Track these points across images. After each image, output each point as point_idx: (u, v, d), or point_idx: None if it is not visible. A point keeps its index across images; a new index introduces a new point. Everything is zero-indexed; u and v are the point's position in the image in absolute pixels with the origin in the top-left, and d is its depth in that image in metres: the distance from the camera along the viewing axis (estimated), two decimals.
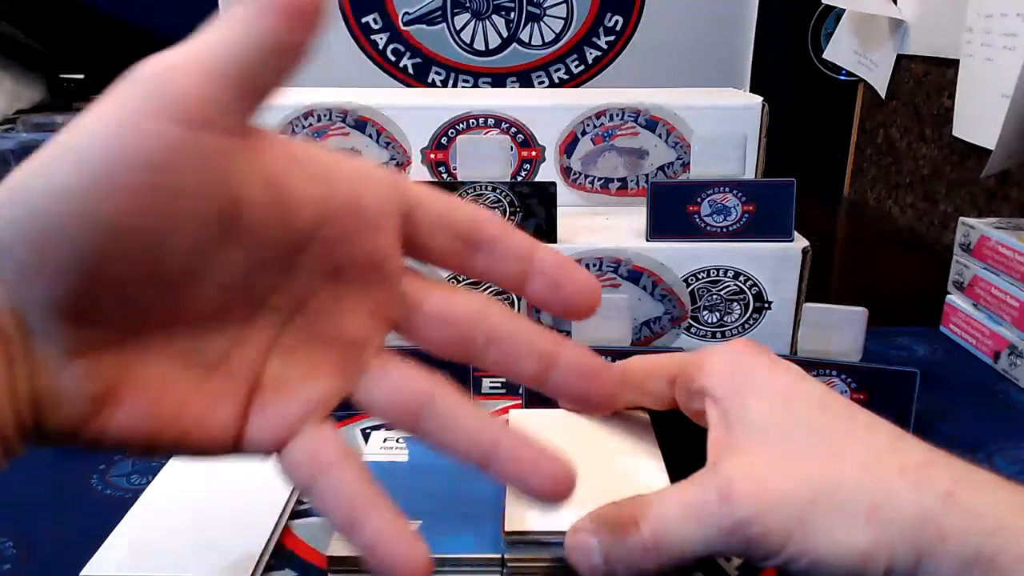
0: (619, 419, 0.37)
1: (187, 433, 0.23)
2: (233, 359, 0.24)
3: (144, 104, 0.20)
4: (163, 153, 0.19)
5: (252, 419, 0.24)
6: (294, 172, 0.23)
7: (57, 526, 0.36)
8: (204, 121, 0.20)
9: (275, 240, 0.23)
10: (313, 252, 0.24)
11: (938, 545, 0.24)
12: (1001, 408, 0.48)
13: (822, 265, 0.56)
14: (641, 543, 0.27)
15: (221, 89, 0.20)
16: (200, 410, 0.23)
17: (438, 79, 1.05)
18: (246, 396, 0.24)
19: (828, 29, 1.02)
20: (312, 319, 0.25)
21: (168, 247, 0.20)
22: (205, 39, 0.21)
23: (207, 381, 0.23)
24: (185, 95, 0.20)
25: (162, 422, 0.22)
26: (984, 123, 0.74)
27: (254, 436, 0.24)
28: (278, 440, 0.24)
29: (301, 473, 0.24)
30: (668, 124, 0.59)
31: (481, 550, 0.32)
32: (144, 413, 0.22)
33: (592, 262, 0.51)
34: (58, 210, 0.19)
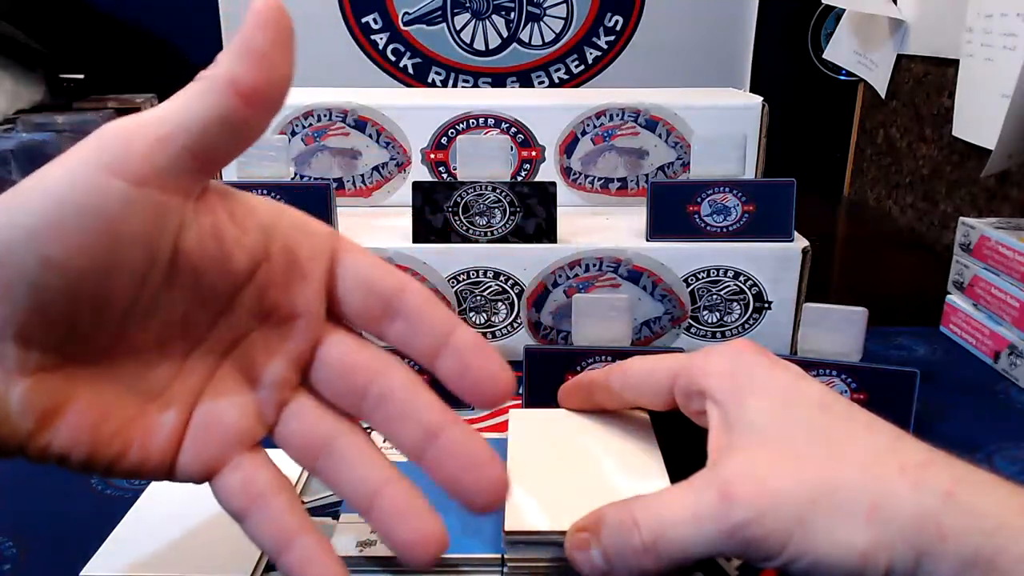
0: (619, 419, 0.37)
1: (124, 454, 0.24)
2: (172, 389, 0.26)
3: (98, 159, 0.22)
4: (109, 204, 0.22)
5: (184, 446, 0.26)
6: (237, 223, 0.25)
7: (57, 526, 0.36)
8: (149, 180, 0.22)
9: (213, 284, 0.25)
10: (248, 296, 0.25)
11: (938, 545, 0.24)
12: (1001, 408, 0.48)
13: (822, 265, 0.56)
14: (640, 544, 0.27)
15: (168, 154, 0.22)
16: (139, 434, 0.25)
17: (438, 79, 1.05)
18: (182, 425, 0.26)
19: (828, 29, 1.02)
20: (242, 358, 0.26)
21: (111, 287, 0.23)
22: (164, 108, 0.23)
23: (147, 408, 0.25)
24: (134, 156, 0.22)
25: (102, 441, 0.24)
26: (984, 123, 0.74)
27: (186, 462, 0.26)
28: (208, 468, 0.26)
29: (233, 503, 0.26)
30: (668, 124, 0.59)
31: (481, 550, 0.32)
32: (86, 431, 0.24)
33: (592, 262, 0.51)
34: (12, 245, 0.21)
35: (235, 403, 0.26)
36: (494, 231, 0.51)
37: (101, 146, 0.22)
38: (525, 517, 0.31)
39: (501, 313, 0.52)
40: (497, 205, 0.51)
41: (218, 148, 0.23)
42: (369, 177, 0.59)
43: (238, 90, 0.22)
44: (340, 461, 0.27)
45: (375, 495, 0.26)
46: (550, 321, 0.52)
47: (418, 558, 0.25)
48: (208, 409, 0.26)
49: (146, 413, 0.25)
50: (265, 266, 0.25)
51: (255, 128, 0.23)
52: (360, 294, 0.27)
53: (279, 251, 0.25)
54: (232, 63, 0.22)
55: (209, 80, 0.23)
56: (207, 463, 0.26)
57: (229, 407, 0.26)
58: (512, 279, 0.51)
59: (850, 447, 0.27)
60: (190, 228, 0.24)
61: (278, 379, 0.26)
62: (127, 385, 0.25)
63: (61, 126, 0.80)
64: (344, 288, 0.27)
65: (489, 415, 0.46)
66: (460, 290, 0.51)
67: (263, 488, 0.26)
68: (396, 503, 0.26)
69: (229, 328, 0.26)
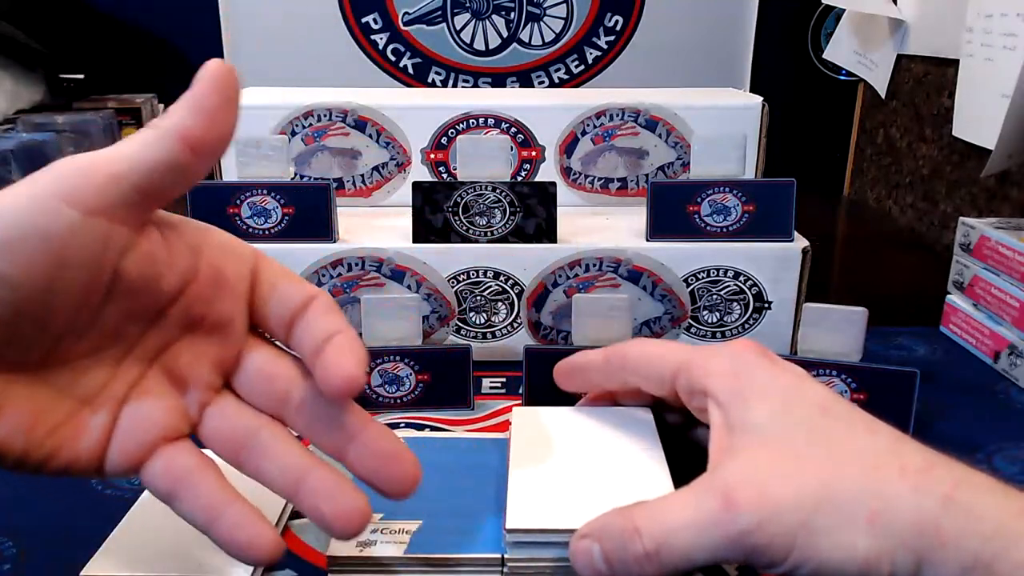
0: (621, 416, 0.37)
1: (56, 453, 0.26)
2: (102, 395, 0.27)
3: (55, 189, 0.24)
4: (60, 229, 0.24)
5: (111, 446, 0.27)
6: (169, 246, 0.27)
7: (57, 526, 0.36)
8: (99, 211, 0.24)
9: (146, 302, 0.27)
10: (176, 309, 0.28)
11: (938, 550, 0.24)
12: (1001, 408, 0.48)
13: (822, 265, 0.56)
14: (643, 551, 0.27)
15: (119, 190, 0.25)
16: (70, 435, 0.26)
17: (438, 79, 1.05)
18: (109, 427, 0.27)
19: (828, 29, 1.02)
20: (168, 363, 0.28)
21: (54, 303, 0.25)
22: (118, 148, 0.25)
23: (79, 410, 0.27)
24: (88, 188, 0.24)
25: (35, 442, 0.26)
26: (984, 123, 0.74)
27: (113, 459, 0.27)
28: (133, 462, 0.27)
29: (159, 485, 0.27)
30: (668, 124, 0.59)
31: (481, 550, 0.32)
32: (20, 432, 0.25)
33: (592, 262, 0.51)
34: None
35: (160, 403, 0.28)
36: (494, 231, 0.51)
37: (58, 177, 0.24)
38: (527, 515, 0.31)
39: (501, 313, 0.52)
40: (497, 205, 0.51)
41: (164, 187, 0.26)
42: (369, 177, 0.59)
43: (187, 142, 0.25)
44: (263, 452, 0.28)
45: (299, 481, 0.28)
46: (550, 321, 0.52)
47: (346, 530, 0.27)
48: (134, 409, 0.28)
49: (78, 416, 0.27)
50: (193, 283, 0.28)
51: (198, 173, 0.26)
52: (273, 306, 0.29)
53: (206, 269, 0.28)
54: (183, 117, 0.25)
55: (162, 129, 0.25)
56: (132, 458, 0.27)
57: (154, 406, 0.28)
58: (512, 279, 0.51)
59: (851, 451, 0.27)
60: (129, 253, 0.26)
61: (201, 381, 0.29)
62: (61, 391, 0.26)
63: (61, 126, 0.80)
64: (262, 305, 0.29)
65: (489, 415, 0.46)
66: (460, 290, 0.51)
67: (188, 469, 0.28)
68: (321, 484, 0.28)
69: (158, 337, 0.28)
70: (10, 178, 0.63)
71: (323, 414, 0.29)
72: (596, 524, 0.29)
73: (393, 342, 0.45)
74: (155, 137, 0.25)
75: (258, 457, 0.28)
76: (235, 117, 0.26)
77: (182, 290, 0.28)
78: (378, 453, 0.28)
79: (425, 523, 0.33)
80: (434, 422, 0.45)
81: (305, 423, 0.29)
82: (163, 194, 0.26)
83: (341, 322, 0.28)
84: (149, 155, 0.25)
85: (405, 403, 0.46)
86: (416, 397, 0.46)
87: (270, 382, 0.29)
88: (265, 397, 0.29)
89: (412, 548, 0.32)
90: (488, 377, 0.51)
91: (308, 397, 0.29)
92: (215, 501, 0.27)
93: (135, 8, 1.00)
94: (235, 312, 0.29)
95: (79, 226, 0.24)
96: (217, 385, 0.29)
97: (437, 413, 0.46)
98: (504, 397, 0.49)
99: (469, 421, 0.46)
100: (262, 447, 0.28)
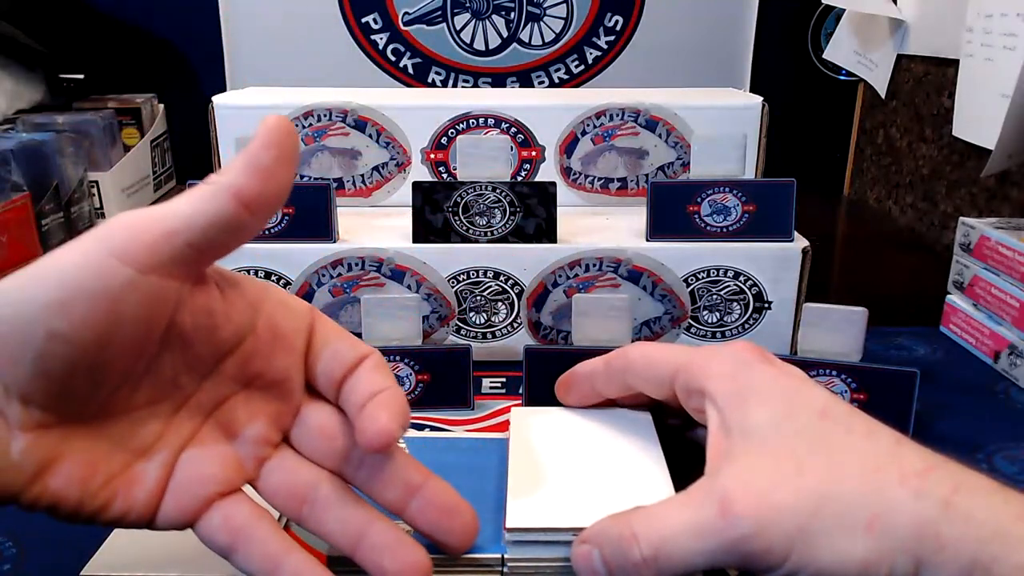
0: (620, 416, 0.37)
1: (109, 505, 0.26)
2: (157, 446, 0.28)
3: (109, 247, 0.24)
4: (114, 287, 0.24)
5: (166, 498, 0.28)
6: (227, 299, 0.28)
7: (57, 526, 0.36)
8: (153, 268, 0.25)
9: (201, 354, 0.28)
10: (233, 363, 0.28)
11: (937, 555, 0.24)
12: (1001, 408, 0.48)
13: (822, 265, 0.56)
14: (640, 558, 0.27)
15: (172, 247, 0.25)
16: (124, 487, 0.27)
17: (438, 79, 1.05)
18: (164, 479, 0.28)
19: (828, 29, 1.02)
20: (224, 417, 0.29)
21: (109, 358, 0.25)
22: (172, 205, 0.25)
23: (133, 463, 0.27)
24: (139, 245, 0.24)
25: (90, 493, 0.26)
26: (984, 123, 0.74)
27: (167, 512, 0.28)
28: (187, 515, 0.28)
29: (218, 540, 0.28)
30: (668, 124, 0.59)
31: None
32: (76, 483, 0.26)
33: (592, 262, 0.51)
34: (24, 317, 0.24)
35: (215, 456, 0.28)
36: (494, 231, 0.51)
37: (112, 235, 0.24)
38: (526, 514, 0.31)
39: (501, 313, 0.52)
40: (497, 205, 0.51)
41: (217, 244, 0.26)
42: (369, 177, 0.59)
43: (241, 200, 0.25)
44: (324, 506, 0.29)
45: (361, 534, 0.29)
46: (550, 321, 0.52)
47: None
48: (189, 461, 0.28)
49: (133, 468, 0.27)
50: (251, 338, 0.28)
51: (253, 229, 0.26)
52: (325, 364, 0.30)
53: (264, 325, 0.29)
54: (239, 175, 0.25)
55: (216, 186, 0.25)
56: (187, 511, 0.28)
57: (209, 460, 0.28)
58: (512, 279, 0.51)
59: (850, 455, 0.27)
60: (184, 306, 0.26)
61: (258, 436, 0.29)
62: (117, 442, 0.27)
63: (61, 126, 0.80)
64: (315, 359, 0.30)
65: (489, 415, 0.46)
66: (460, 290, 0.51)
67: (244, 521, 0.28)
68: (382, 539, 0.29)
69: (214, 390, 0.29)
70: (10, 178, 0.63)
71: (384, 469, 0.29)
72: (594, 530, 0.29)
73: (393, 342, 0.45)
74: (210, 194, 0.25)
75: (319, 511, 0.29)
76: (292, 174, 0.26)
77: (239, 344, 0.28)
78: (439, 507, 0.30)
79: None
80: (434, 422, 0.46)
81: (365, 478, 0.30)
82: (217, 251, 0.26)
83: (387, 380, 0.29)
84: (203, 213, 0.25)
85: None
86: (416, 397, 0.46)
87: (329, 439, 0.30)
88: (324, 453, 0.30)
89: None
90: (488, 377, 0.51)
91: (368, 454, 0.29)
92: (273, 552, 0.28)
93: (135, 8, 1.00)
94: (292, 368, 0.29)
95: (133, 283, 0.24)
96: (275, 440, 0.30)
97: (437, 413, 0.46)
98: (504, 397, 0.49)
99: (469, 421, 0.46)
100: (323, 501, 0.29)
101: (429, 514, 0.30)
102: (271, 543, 0.28)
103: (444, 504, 0.30)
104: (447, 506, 0.30)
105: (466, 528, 0.30)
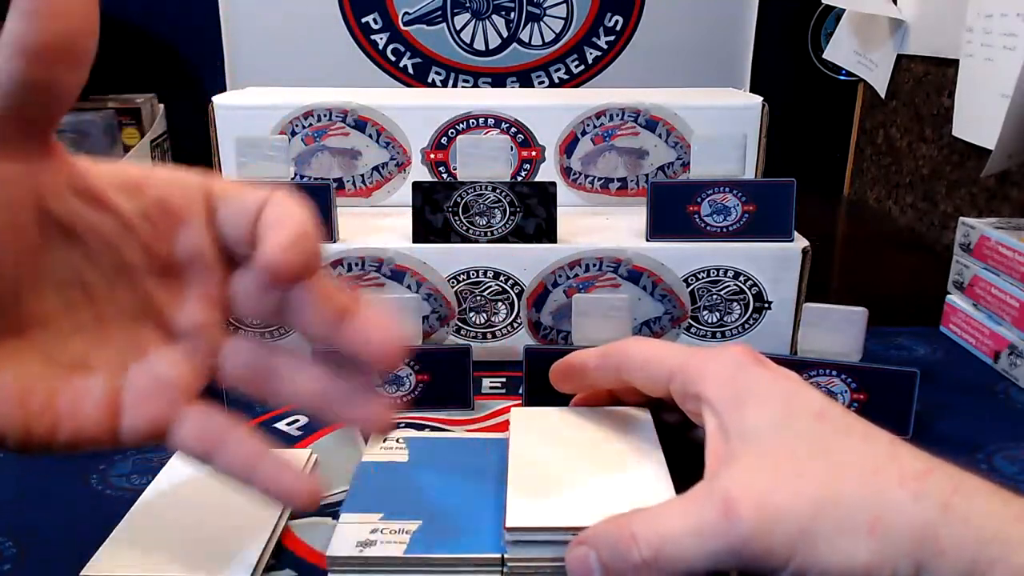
0: (620, 416, 0.37)
1: (58, 425, 0.25)
2: (94, 357, 0.27)
3: None
4: None
5: (125, 411, 0.27)
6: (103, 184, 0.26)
7: (57, 526, 0.36)
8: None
9: (94, 244, 0.26)
10: (133, 252, 0.27)
11: (937, 558, 0.24)
12: (1001, 408, 0.48)
13: (822, 265, 0.56)
14: (640, 559, 0.27)
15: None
16: (66, 403, 0.26)
17: (438, 79, 1.05)
18: (112, 390, 0.27)
19: (828, 29, 1.02)
20: (158, 318, 0.28)
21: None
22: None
23: (71, 376, 0.26)
24: None
25: (33, 414, 0.25)
26: (984, 123, 0.74)
27: (130, 426, 0.27)
28: (156, 428, 0.27)
29: (194, 449, 0.27)
30: (668, 124, 0.59)
31: (481, 550, 0.32)
32: (14, 405, 0.25)
33: (592, 262, 0.51)
34: None
35: (165, 359, 0.27)
36: (494, 231, 0.51)
37: None
38: (526, 514, 0.31)
39: (501, 313, 0.52)
40: (497, 205, 0.51)
41: (34, 110, 0.23)
42: (369, 177, 0.59)
43: (27, 53, 0.22)
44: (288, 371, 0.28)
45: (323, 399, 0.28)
46: (550, 321, 0.52)
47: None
48: (140, 371, 0.27)
49: (72, 382, 0.26)
50: (142, 221, 0.27)
51: (63, 84, 0.23)
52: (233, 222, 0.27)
53: (152, 203, 0.27)
54: (15, 26, 0.22)
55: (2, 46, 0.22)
56: (154, 421, 0.27)
57: (160, 364, 0.27)
58: (512, 279, 0.51)
59: (849, 458, 0.27)
60: (53, 190, 0.25)
61: (197, 324, 0.28)
62: (47, 356, 0.26)
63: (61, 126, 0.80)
64: (222, 223, 0.28)
65: (489, 415, 0.46)
66: (460, 290, 0.51)
67: (220, 428, 0.27)
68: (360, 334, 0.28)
69: (131, 290, 0.27)
70: None
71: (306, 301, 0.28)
72: (592, 532, 0.29)
73: None
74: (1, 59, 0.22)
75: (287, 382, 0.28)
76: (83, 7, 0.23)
77: (131, 230, 0.26)
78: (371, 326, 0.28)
79: (425, 523, 0.33)
80: (434, 422, 0.45)
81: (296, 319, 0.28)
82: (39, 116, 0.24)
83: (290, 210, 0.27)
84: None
85: (405, 403, 0.46)
86: (416, 397, 0.46)
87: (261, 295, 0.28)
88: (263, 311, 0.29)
89: (412, 548, 0.32)
90: (488, 377, 0.51)
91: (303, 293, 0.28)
92: (251, 451, 0.27)
93: (135, 8, 1.00)
94: (198, 242, 0.27)
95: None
96: (216, 321, 0.28)
97: (437, 413, 0.46)
98: (504, 397, 0.49)
99: (469, 421, 0.46)
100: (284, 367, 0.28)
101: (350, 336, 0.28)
102: (248, 445, 0.27)
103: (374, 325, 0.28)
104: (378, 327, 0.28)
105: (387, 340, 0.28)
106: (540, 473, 0.34)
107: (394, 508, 0.34)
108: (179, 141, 1.00)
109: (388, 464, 0.37)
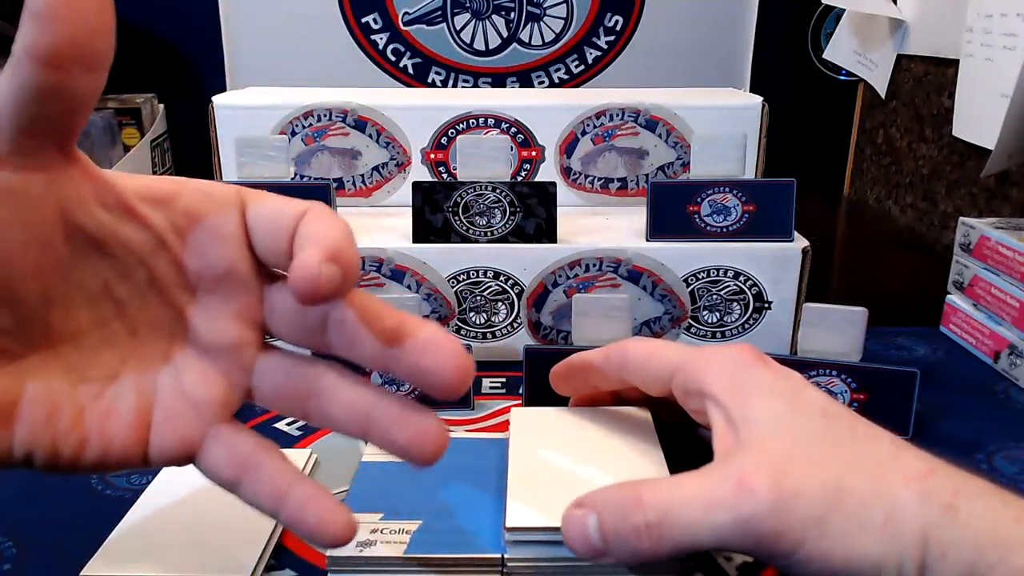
0: (620, 417, 0.37)
1: (88, 442, 0.25)
2: (124, 374, 0.26)
3: None
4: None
5: (155, 430, 0.26)
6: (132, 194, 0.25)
7: (57, 526, 0.36)
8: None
9: (124, 258, 0.25)
10: (166, 267, 0.26)
11: (939, 560, 0.24)
12: (1001, 408, 0.48)
13: (822, 265, 0.56)
14: (644, 522, 0.26)
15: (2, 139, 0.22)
16: (95, 421, 0.25)
17: (438, 79, 1.05)
18: (142, 409, 0.26)
19: (828, 29, 1.02)
20: (191, 333, 0.27)
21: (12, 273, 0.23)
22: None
23: (100, 393, 0.25)
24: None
25: (61, 433, 0.24)
26: (984, 123, 0.74)
27: (160, 444, 0.26)
28: (186, 449, 0.26)
29: (223, 474, 0.26)
30: (668, 124, 0.59)
31: (481, 550, 0.32)
32: (42, 425, 0.24)
33: (592, 262, 0.51)
34: None
35: (198, 377, 0.27)
36: (494, 231, 0.51)
37: None
38: (526, 514, 0.31)
39: (501, 313, 0.52)
40: (497, 205, 0.51)
41: (53, 118, 0.23)
42: (369, 177, 0.59)
43: (39, 60, 0.21)
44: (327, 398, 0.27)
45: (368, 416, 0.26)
46: (550, 321, 0.52)
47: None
48: (170, 389, 0.26)
49: (102, 400, 0.25)
50: (173, 236, 0.26)
51: (81, 89, 0.22)
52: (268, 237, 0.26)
53: (182, 217, 0.26)
54: (27, 33, 0.21)
55: (14, 55, 0.21)
56: (184, 441, 0.26)
57: (193, 382, 0.26)
58: (512, 279, 0.51)
59: (856, 455, 0.27)
60: (71, 202, 0.24)
61: (232, 341, 0.27)
62: (75, 373, 0.25)
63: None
64: (257, 238, 0.26)
65: (489, 415, 0.46)
66: (460, 290, 0.51)
67: (250, 453, 0.26)
68: (387, 412, 0.26)
69: (163, 304, 0.26)
70: None
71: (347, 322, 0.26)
72: (595, 494, 0.28)
73: None
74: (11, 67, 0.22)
75: (324, 405, 0.27)
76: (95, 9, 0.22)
77: (162, 245, 0.26)
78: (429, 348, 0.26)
79: (425, 523, 0.33)
80: None
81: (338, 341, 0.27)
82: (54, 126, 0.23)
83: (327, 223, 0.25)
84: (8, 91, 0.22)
85: None
86: (416, 397, 0.46)
87: (300, 314, 0.27)
88: (301, 331, 0.27)
89: (412, 548, 0.32)
90: (488, 377, 0.51)
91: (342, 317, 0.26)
92: (281, 482, 0.26)
93: (135, 8, 1.00)
94: (233, 256, 0.26)
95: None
96: (252, 340, 0.27)
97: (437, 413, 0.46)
98: (504, 397, 0.49)
99: (469, 421, 0.46)
100: (324, 394, 0.27)
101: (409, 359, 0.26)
102: (279, 476, 0.26)
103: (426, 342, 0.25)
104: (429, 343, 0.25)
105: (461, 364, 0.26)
106: (540, 473, 0.34)
107: (394, 508, 0.34)
108: (179, 141, 1.00)
109: (388, 464, 0.37)
